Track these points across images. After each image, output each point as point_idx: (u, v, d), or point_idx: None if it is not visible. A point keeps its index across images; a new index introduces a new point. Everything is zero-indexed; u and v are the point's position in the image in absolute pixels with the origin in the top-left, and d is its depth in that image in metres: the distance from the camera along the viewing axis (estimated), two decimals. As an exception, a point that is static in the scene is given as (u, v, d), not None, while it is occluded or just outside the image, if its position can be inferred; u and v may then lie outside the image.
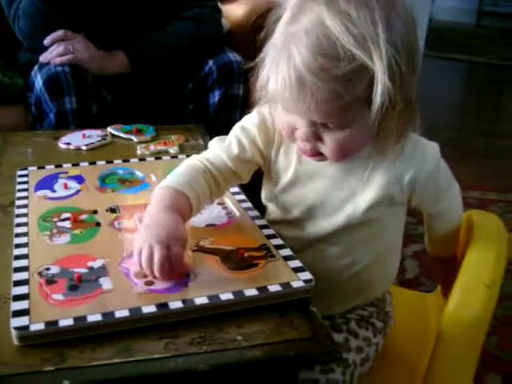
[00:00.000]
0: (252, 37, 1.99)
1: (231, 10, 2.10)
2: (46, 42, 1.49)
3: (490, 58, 4.74)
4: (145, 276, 0.77)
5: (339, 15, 0.73)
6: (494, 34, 5.53)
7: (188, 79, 1.52)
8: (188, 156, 1.16)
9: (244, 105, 1.64)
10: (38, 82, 1.43)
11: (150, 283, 0.76)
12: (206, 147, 1.19)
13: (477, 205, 2.32)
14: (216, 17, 1.72)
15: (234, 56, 1.62)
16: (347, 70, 0.73)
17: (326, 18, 0.74)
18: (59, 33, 1.50)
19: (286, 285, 0.78)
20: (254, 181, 0.99)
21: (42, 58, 1.48)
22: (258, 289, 0.77)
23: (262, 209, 1.00)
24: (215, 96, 1.62)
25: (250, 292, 0.76)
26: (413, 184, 0.87)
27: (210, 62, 1.61)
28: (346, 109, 0.77)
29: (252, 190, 1.03)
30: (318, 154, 0.84)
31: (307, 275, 0.80)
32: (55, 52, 1.46)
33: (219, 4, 1.78)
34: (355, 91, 0.75)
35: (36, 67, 1.47)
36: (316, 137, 0.82)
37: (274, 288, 0.77)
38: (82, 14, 1.56)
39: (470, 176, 2.55)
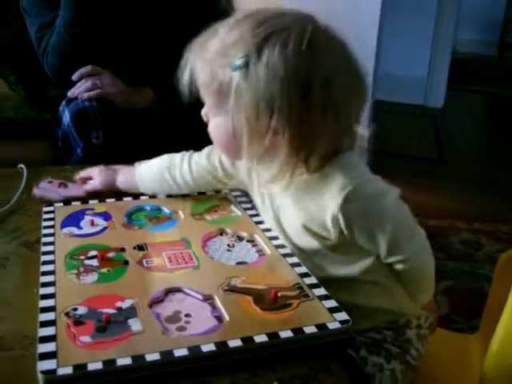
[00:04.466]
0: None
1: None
2: (74, 77, 1.50)
3: (514, 89, 4.71)
4: (176, 321, 0.75)
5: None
6: (517, 65, 5.51)
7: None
8: (216, 192, 1.15)
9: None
10: (66, 116, 1.43)
11: (182, 329, 0.74)
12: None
13: (507, 239, 2.27)
14: None
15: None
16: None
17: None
18: (87, 68, 1.51)
19: (321, 326, 0.75)
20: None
21: (70, 93, 1.49)
22: (293, 330, 0.73)
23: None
24: None
25: (285, 334, 0.73)
26: (336, 222, 0.85)
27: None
28: (214, 94, 0.85)
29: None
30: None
31: (344, 316, 0.77)
32: (83, 87, 1.47)
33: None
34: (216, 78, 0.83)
35: (64, 102, 1.48)
36: (207, 119, 0.91)
37: (310, 330, 0.74)
38: (110, 50, 1.56)
39: (496, 209, 2.51)
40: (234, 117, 0.82)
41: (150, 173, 1.13)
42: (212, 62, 0.83)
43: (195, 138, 1.63)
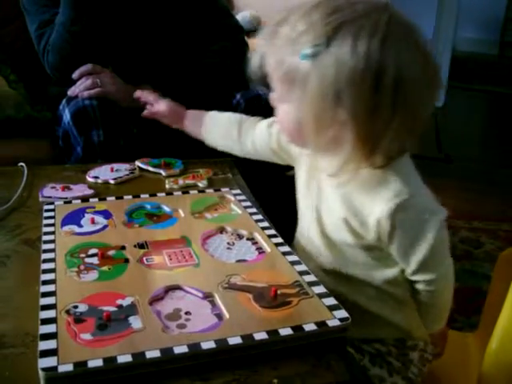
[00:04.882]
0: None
1: (257, 44, 2.10)
2: (74, 75, 1.50)
3: (514, 88, 4.71)
4: (177, 318, 0.75)
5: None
6: (517, 64, 5.50)
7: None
8: (216, 190, 1.16)
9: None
10: (66, 115, 1.43)
11: (182, 326, 0.74)
12: (234, 180, 1.18)
13: (506, 237, 2.27)
14: (243, 50, 1.72)
15: (261, 89, 1.61)
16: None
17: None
18: (87, 66, 1.51)
19: (321, 324, 0.75)
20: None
21: (70, 92, 1.48)
22: (293, 328, 0.74)
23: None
24: None
25: (285, 331, 0.73)
26: (379, 226, 0.84)
27: (238, 96, 1.60)
28: (282, 81, 0.83)
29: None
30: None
31: (343, 313, 0.77)
32: (83, 86, 1.47)
33: (246, 38, 1.78)
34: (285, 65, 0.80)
35: (64, 101, 1.48)
36: (275, 105, 0.89)
37: (310, 327, 0.74)
38: (111, 48, 1.56)
39: (496, 208, 2.51)
40: (301, 106, 0.80)
41: (219, 122, 1.15)
42: (281, 49, 0.81)
43: (196, 138, 1.65)
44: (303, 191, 0.98)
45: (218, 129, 1.16)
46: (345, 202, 0.87)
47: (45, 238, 0.96)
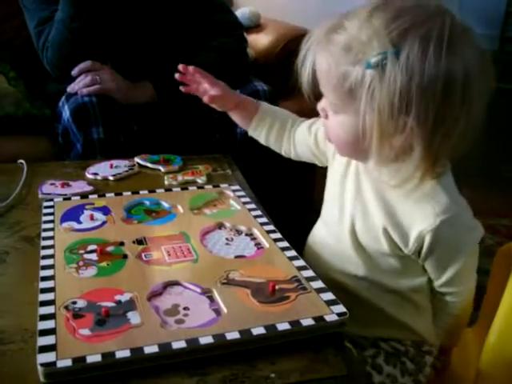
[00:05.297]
0: (277, 66, 1.99)
1: (256, 40, 2.11)
2: (74, 72, 1.50)
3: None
4: (175, 314, 0.76)
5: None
6: (518, 59, 5.49)
7: (215, 108, 1.51)
8: (215, 186, 1.16)
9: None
10: (66, 112, 1.43)
11: (180, 321, 0.74)
12: (234, 177, 1.18)
13: (506, 233, 2.27)
14: (242, 46, 1.72)
15: (260, 85, 1.61)
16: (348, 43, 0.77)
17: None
18: (86, 63, 1.51)
19: (319, 319, 0.75)
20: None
21: (70, 89, 1.48)
22: (291, 323, 0.74)
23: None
24: None
25: (283, 326, 0.73)
26: (421, 239, 0.83)
27: (237, 92, 1.60)
28: (341, 91, 0.79)
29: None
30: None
31: (341, 308, 0.77)
32: (82, 83, 1.47)
33: (245, 33, 1.78)
34: (345, 75, 0.77)
35: (63, 98, 1.48)
36: (325, 114, 0.86)
37: (307, 322, 0.75)
38: (110, 45, 1.56)
39: (497, 203, 2.51)
40: (365, 116, 0.77)
41: (272, 117, 1.12)
42: (341, 58, 0.77)
43: (195, 132, 1.65)
44: (333, 196, 0.96)
45: (270, 124, 1.11)
46: (387, 212, 0.86)
47: (44, 234, 0.96)
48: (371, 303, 0.90)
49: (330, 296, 0.80)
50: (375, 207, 0.87)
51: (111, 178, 1.23)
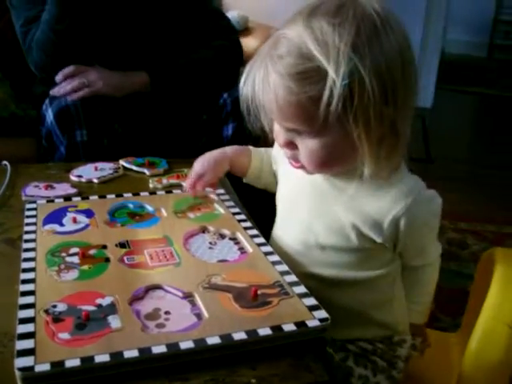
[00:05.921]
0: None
1: (244, 43, 2.10)
2: (58, 78, 1.49)
3: (502, 90, 4.74)
4: (156, 318, 0.75)
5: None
6: (506, 66, 5.53)
7: (202, 110, 1.52)
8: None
9: (258, 139, 1.62)
10: (49, 115, 1.42)
11: (161, 326, 0.74)
12: (218, 180, 1.17)
13: (493, 239, 2.29)
14: (238, 51, 1.73)
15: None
16: (302, 68, 0.75)
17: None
18: (70, 69, 1.49)
19: (301, 324, 0.75)
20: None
21: (53, 92, 1.47)
22: (272, 328, 0.74)
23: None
24: (229, 129, 1.60)
25: (264, 331, 0.73)
26: (396, 223, 0.85)
27: (225, 95, 1.60)
28: (307, 113, 0.77)
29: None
30: (299, 163, 0.86)
31: (323, 314, 0.77)
32: (70, 86, 1.45)
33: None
34: (309, 91, 0.75)
35: (47, 100, 1.47)
36: (292, 144, 0.84)
37: (289, 327, 0.74)
38: (98, 46, 1.55)
39: (482, 209, 2.53)
40: (353, 126, 0.77)
41: (261, 158, 1.11)
42: (302, 81, 0.76)
43: (182, 135, 1.65)
44: (289, 205, 0.98)
45: (267, 172, 1.10)
46: (353, 208, 0.87)
47: (26, 236, 0.95)
48: (332, 301, 0.89)
49: (312, 301, 0.80)
50: (338, 206, 0.88)
51: (95, 180, 1.23)
